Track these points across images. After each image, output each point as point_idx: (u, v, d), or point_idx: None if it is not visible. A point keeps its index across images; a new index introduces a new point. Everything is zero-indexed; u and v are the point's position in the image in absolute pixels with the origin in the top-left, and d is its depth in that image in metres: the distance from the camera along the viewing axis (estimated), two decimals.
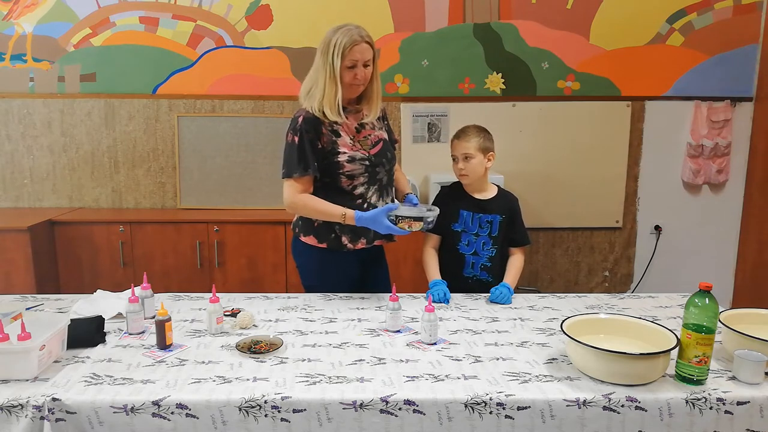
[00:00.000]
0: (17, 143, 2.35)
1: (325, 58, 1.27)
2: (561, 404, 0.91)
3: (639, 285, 2.54)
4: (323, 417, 0.90)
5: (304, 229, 1.38)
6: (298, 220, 1.41)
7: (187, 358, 1.04)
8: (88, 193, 2.40)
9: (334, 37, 1.26)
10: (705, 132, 2.41)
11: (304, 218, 1.38)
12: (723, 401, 0.92)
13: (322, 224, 1.36)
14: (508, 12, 2.32)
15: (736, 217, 2.51)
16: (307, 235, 1.37)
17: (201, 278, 2.19)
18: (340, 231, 1.36)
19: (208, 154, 2.36)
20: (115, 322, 1.21)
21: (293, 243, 1.43)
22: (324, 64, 1.27)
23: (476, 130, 1.45)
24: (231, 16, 2.30)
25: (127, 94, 2.33)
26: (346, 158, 1.33)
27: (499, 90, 2.38)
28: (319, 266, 1.40)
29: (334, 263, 1.39)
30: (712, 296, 0.96)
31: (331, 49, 1.25)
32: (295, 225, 1.41)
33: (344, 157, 1.33)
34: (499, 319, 1.26)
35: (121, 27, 2.29)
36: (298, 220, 1.41)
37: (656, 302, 1.39)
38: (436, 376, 0.98)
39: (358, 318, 1.26)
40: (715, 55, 2.37)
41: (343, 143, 1.34)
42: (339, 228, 1.36)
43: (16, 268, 2.02)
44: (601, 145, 2.42)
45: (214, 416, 0.90)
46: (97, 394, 0.91)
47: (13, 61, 2.30)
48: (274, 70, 2.32)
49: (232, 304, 1.34)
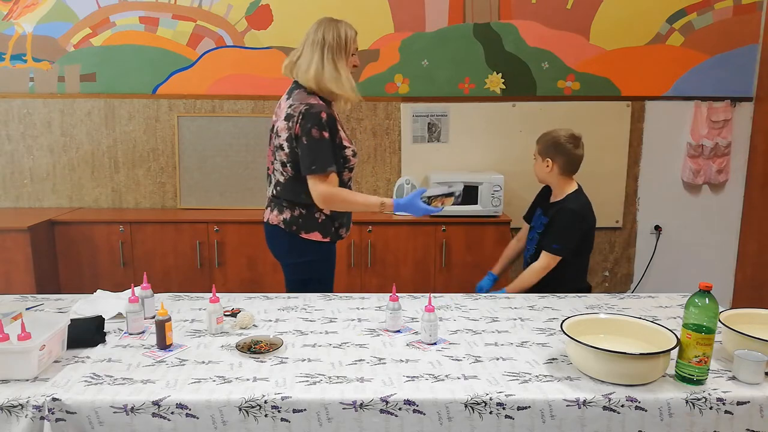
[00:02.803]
0: (17, 143, 2.35)
1: (347, 51, 1.31)
2: (561, 404, 0.91)
3: (639, 285, 2.54)
4: (323, 417, 0.90)
5: (306, 227, 1.35)
6: (296, 218, 1.35)
7: (187, 358, 1.04)
8: (88, 193, 2.40)
9: (343, 30, 1.32)
10: (705, 132, 2.41)
11: (305, 215, 1.35)
12: (723, 401, 0.92)
13: (326, 219, 1.36)
14: (508, 12, 2.32)
15: (736, 217, 2.51)
16: (311, 231, 1.35)
17: (201, 278, 2.19)
18: (339, 224, 1.38)
19: (208, 154, 2.36)
20: (115, 322, 1.21)
21: (289, 243, 1.36)
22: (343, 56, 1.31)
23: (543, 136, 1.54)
24: (231, 16, 2.30)
25: (127, 94, 2.33)
26: (351, 152, 1.36)
27: (499, 90, 2.38)
28: (326, 259, 1.40)
29: (333, 254, 1.42)
30: (712, 296, 0.96)
31: (350, 43, 1.32)
32: (292, 224, 1.35)
33: (349, 151, 1.36)
34: (499, 319, 1.26)
35: (121, 27, 2.29)
36: (297, 219, 1.35)
37: (656, 302, 1.39)
38: (436, 376, 0.98)
39: (358, 318, 1.26)
40: (715, 55, 2.37)
41: (344, 137, 1.36)
42: (338, 222, 1.37)
43: (16, 268, 2.02)
44: (601, 145, 2.42)
45: (214, 416, 0.90)
46: (97, 394, 0.91)
47: (13, 61, 2.30)
48: (274, 70, 2.32)
49: (232, 304, 1.34)
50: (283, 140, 1.31)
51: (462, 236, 2.18)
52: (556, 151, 1.48)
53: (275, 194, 1.38)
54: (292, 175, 1.33)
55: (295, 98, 1.31)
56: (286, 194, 1.35)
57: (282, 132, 1.31)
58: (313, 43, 1.31)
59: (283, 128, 1.30)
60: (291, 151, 1.31)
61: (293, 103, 1.30)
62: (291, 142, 1.30)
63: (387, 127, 2.39)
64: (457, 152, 2.40)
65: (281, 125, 1.31)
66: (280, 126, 1.31)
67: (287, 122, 1.30)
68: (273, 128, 1.38)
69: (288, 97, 1.34)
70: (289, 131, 1.29)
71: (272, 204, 1.40)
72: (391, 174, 2.43)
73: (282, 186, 1.35)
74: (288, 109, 1.30)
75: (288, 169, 1.33)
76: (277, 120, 1.34)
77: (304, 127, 1.27)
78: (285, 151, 1.32)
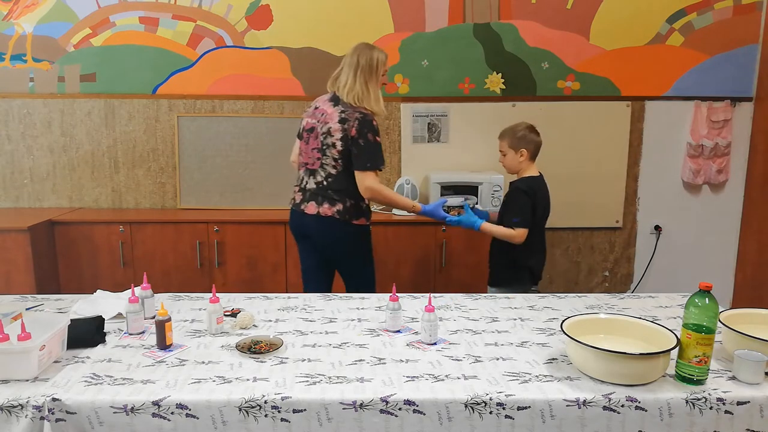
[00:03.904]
0: (17, 143, 2.35)
1: (377, 73, 1.59)
2: (561, 404, 0.91)
3: (639, 285, 2.54)
4: (323, 417, 0.90)
5: (355, 214, 1.58)
6: (348, 209, 1.56)
7: (187, 359, 1.04)
8: (88, 193, 2.40)
9: (375, 55, 1.58)
10: (705, 132, 2.41)
11: (354, 205, 1.57)
12: (723, 401, 0.92)
13: (366, 206, 1.62)
14: (508, 12, 2.32)
15: (736, 217, 2.51)
16: (359, 218, 1.59)
17: (201, 278, 2.19)
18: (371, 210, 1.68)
19: (208, 154, 2.36)
20: (115, 322, 1.21)
21: (344, 230, 1.57)
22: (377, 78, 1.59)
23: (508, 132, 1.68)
24: (231, 16, 2.30)
25: (127, 94, 2.33)
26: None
27: (499, 90, 2.38)
28: (369, 238, 1.66)
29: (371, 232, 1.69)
30: (712, 296, 0.96)
31: (380, 66, 1.59)
32: (346, 213, 1.56)
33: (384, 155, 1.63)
34: (499, 319, 1.26)
35: (121, 27, 2.29)
36: (349, 209, 1.56)
37: (656, 302, 1.39)
38: (436, 376, 0.98)
39: (358, 318, 1.26)
40: (715, 55, 2.37)
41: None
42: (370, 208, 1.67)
43: (17, 268, 2.02)
44: (601, 145, 2.42)
45: (214, 416, 0.90)
46: (97, 395, 0.91)
47: (13, 61, 2.30)
48: (274, 70, 2.32)
49: (232, 304, 1.34)
50: (336, 139, 1.55)
51: (462, 236, 2.18)
52: (526, 141, 1.67)
53: (323, 186, 1.58)
54: (342, 170, 1.56)
55: (344, 106, 1.57)
56: (337, 185, 1.56)
57: (336, 132, 1.55)
58: (350, 65, 1.57)
59: (337, 129, 1.55)
60: (344, 149, 1.54)
61: (345, 110, 1.56)
62: (345, 141, 1.54)
63: (387, 127, 2.39)
64: (457, 152, 2.40)
65: (335, 127, 1.55)
66: (334, 127, 1.55)
67: (342, 125, 1.54)
68: (316, 129, 1.60)
69: (334, 104, 1.59)
70: (344, 132, 1.54)
71: (317, 197, 1.58)
72: (391, 174, 2.43)
73: (333, 178, 1.57)
74: (342, 114, 1.55)
75: (339, 163, 1.56)
76: (328, 123, 1.56)
77: (360, 131, 1.53)
78: (338, 148, 1.55)
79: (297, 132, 1.71)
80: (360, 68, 1.55)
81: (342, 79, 1.58)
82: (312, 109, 1.64)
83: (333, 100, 1.60)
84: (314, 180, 1.59)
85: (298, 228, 1.65)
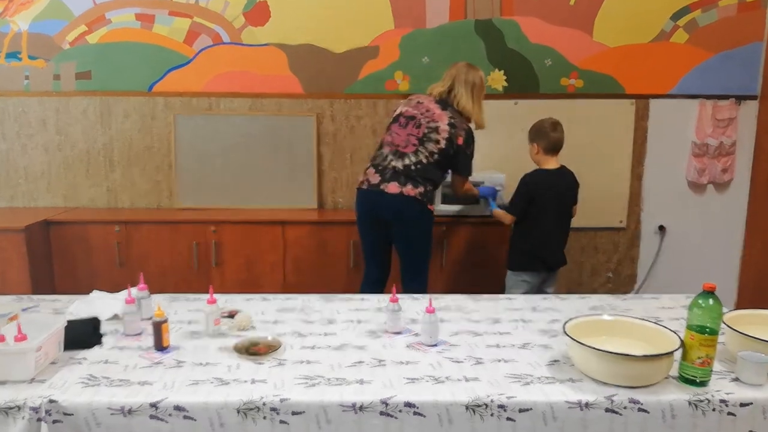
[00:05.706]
0: (12, 142, 2.33)
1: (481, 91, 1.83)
2: (563, 406, 0.90)
3: (643, 286, 2.52)
4: (322, 419, 0.89)
5: (431, 200, 1.79)
6: (427, 193, 1.75)
7: (184, 360, 1.03)
8: (83, 193, 2.38)
9: (480, 74, 1.84)
10: (710, 131, 2.39)
11: (430, 190, 1.77)
12: (726, 403, 0.91)
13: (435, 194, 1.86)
14: (510, 8, 2.29)
15: (741, 217, 2.49)
16: (432, 203, 1.80)
17: (198, 279, 2.17)
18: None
19: (205, 153, 2.34)
20: (111, 323, 1.20)
21: (421, 210, 1.75)
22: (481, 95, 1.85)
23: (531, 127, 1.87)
24: (228, 12, 2.27)
25: (123, 91, 2.31)
26: None
27: (501, 87, 2.36)
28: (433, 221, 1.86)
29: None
30: (716, 297, 0.95)
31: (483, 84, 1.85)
32: (425, 196, 1.75)
33: None
34: (501, 321, 1.25)
35: (117, 24, 2.27)
36: (428, 193, 1.75)
37: (660, 303, 1.38)
38: (437, 378, 0.97)
39: (357, 319, 1.25)
40: (720, 53, 2.35)
41: None
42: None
43: (12, 269, 2.00)
44: (605, 144, 2.40)
45: (212, 418, 0.89)
46: (94, 396, 0.90)
47: (8, 59, 2.27)
48: (271, 67, 2.30)
49: (229, 305, 1.33)
50: (441, 138, 1.75)
51: (462, 236, 2.17)
52: (538, 136, 1.82)
53: (411, 169, 1.75)
54: (434, 162, 1.75)
55: (452, 113, 1.78)
56: (425, 173, 1.75)
57: (443, 132, 1.75)
58: (465, 83, 1.80)
59: (444, 130, 1.75)
60: (446, 148, 1.75)
61: (454, 116, 1.77)
62: (449, 143, 1.75)
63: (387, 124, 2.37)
64: None
65: (444, 128, 1.76)
66: (443, 128, 1.76)
67: (450, 128, 1.76)
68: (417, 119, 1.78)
69: (442, 107, 1.79)
70: (450, 135, 1.75)
71: (401, 177, 1.75)
72: None
73: (423, 166, 1.75)
74: (451, 120, 1.76)
75: (434, 157, 1.75)
76: (438, 122, 1.76)
77: (467, 141, 1.79)
78: (440, 146, 1.75)
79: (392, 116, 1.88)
80: (474, 87, 1.79)
81: (457, 95, 1.79)
82: (414, 102, 1.83)
83: (440, 103, 1.79)
84: (402, 162, 1.75)
85: (373, 208, 1.78)
